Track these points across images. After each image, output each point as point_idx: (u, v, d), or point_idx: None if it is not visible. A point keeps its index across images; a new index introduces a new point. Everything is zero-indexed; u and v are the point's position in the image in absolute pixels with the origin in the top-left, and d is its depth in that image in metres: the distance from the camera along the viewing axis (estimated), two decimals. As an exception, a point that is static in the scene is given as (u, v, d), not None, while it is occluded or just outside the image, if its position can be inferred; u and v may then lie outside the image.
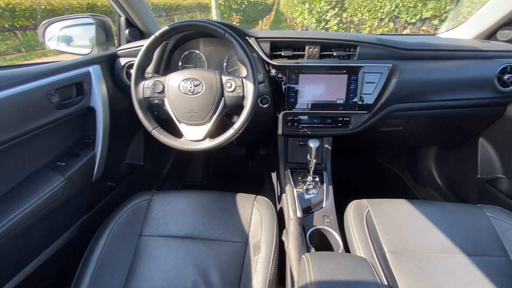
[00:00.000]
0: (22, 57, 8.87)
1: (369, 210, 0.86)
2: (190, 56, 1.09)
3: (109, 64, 1.04)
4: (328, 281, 0.44)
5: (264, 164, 1.84)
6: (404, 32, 7.96)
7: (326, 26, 5.26)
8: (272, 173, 1.54)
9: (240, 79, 0.81)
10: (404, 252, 0.76)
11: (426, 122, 1.12)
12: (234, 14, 5.87)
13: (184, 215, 0.88)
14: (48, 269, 0.85)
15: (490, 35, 1.10)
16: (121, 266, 0.76)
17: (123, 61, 1.04)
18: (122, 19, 1.10)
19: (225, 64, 1.07)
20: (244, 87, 0.81)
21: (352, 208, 0.88)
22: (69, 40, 1.14)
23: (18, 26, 10.31)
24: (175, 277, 0.73)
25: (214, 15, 5.73)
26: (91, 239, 0.80)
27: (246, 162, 1.88)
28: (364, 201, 0.90)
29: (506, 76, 0.96)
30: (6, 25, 9.93)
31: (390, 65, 0.93)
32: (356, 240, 0.77)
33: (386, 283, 0.67)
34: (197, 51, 1.08)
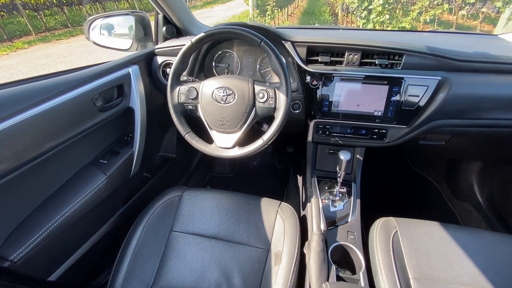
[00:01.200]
0: (68, 33, 9.45)
1: (397, 231, 0.84)
2: (223, 55, 1.08)
3: (147, 62, 1.07)
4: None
5: (291, 162, 1.83)
6: (460, 13, 7.05)
7: (369, 7, 4.83)
8: (298, 174, 1.53)
9: (273, 89, 0.79)
10: (429, 281, 0.73)
11: (473, 139, 1.02)
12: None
13: (211, 215, 0.92)
14: (90, 258, 0.95)
15: None
16: (153, 258, 0.83)
17: (160, 59, 1.07)
18: (160, 16, 1.11)
19: (258, 66, 1.05)
20: (277, 98, 0.79)
21: (379, 227, 0.85)
22: (110, 35, 1.19)
23: (64, 1, 10.89)
24: (201, 275, 0.79)
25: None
26: (128, 230, 0.88)
27: (273, 158, 1.89)
28: (392, 220, 0.87)
29: None
30: (54, 0, 10.53)
31: (439, 77, 0.84)
32: (380, 262, 0.76)
33: None
34: (231, 51, 1.07)
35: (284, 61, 0.79)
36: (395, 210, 0.97)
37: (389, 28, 4.85)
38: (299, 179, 1.47)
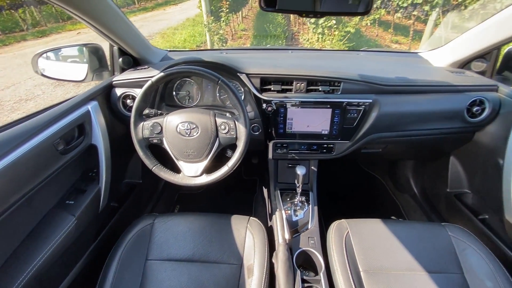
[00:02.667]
0: (0, 42, 8.39)
1: (348, 232, 0.98)
2: (183, 83, 1.13)
3: (106, 95, 1.07)
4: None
5: (256, 172, 1.94)
6: (396, 16, 7.88)
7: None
8: (263, 185, 1.64)
9: (233, 121, 0.88)
10: (375, 271, 0.89)
11: (402, 146, 1.23)
12: (223, -1, 5.66)
13: (185, 239, 0.98)
14: None
15: (464, 64, 1.19)
16: None
17: (119, 91, 1.08)
18: (115, 48, 1.12)
19: (217, 94, 1.12)
20: (237, 129, 0.88)
21: (334, 230, 0.99)
22: (62, 67, 1.16)
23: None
24: None
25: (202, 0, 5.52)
26: (102, 266, 0.89)
27: (239, 170, 1.98)
28: (344, 222, 1.02)
29: (474, 109, 1.06)
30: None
31: (371, 100, 1.01)
32: (336, 262, 0.90)
33: None
34: (190, 79, 1.12)
35: (240, 96, 0.88)
36: (350, 209, 1.12)
37: (336, 32, 5.27)
38: (265, 190, 1.58)
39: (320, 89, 1.02)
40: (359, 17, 5.44)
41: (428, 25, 6.66)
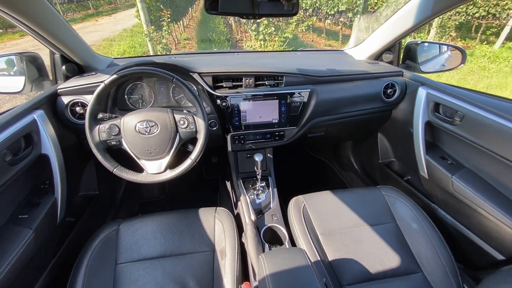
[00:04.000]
0: None
1: (304, 205, 1.13)
2: (134, 87, 1.15)
3: (51, 104, 1.03)
4: (277, 272, 0.65)
5: (217, 171, 2.00)
6: (327, 22, 8.78)
7: (258, 21, 5.49)
8: (226, 181, 1.71)
9: (192, 116, 0.95)
10: (330, 232, 1.04)
11: (339, 127, 1.45)
12: (163, 9, 5.57)
13: (154, 238, 0.99)
14: None
15: (378, 56, 1.46)
16: None
17: (65, 99, 1.05)
18: (57, 56, 1.09)
19: (171, 94, 1.17)
20: (196, 122, 0.95)
21: (292, 205, 1.13)
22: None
23: None
24: None
25: (140, 9, 5.36)
26: (67, 277, 0.86)
27: (200, 170, 2.01)
28: (300, 197, 1.16)
29: (388, 91, 1.32)
30: None
31: (309, 89, 1.19)
32: (297, 230, 1.03)
33: (319, 258, 0.94)
34: (141, 82, 1.14)
35: (196, 92, 0.95)
36: (304, 188, 1.26)
37: (276, 38, 5.66)
38: (228, 184, 1.65)
39: (266, 83, 1.15)
40: (294, 23, 5.93)
41: (353, 29, 7.60)
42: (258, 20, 5.55)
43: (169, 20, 5.61)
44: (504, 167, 0.94)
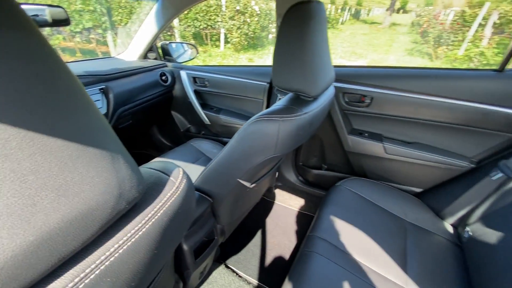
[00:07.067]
0: None
1: None
2: None
3: None
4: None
5: None
6: (76, 41, 8.10)
7: None
8: None
9: None
10: None
11: (144, 113, 1.80)
12: None
13: None
14: None
15: (144, 56, 1.93)
16: None
17: None
18: None
19: None
20: None
21: None
22: None
23: None
24: None
25: None
26: None
27: None
28: None
29: (163, 77, 1.83)
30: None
31: (104, 86, 1.43)
32: None
33: None
34: None
35: None
36: None
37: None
38: None
39: None
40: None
41: (109, 44, 7.65)
42: None
43: None
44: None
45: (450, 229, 1.16)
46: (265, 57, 8.26)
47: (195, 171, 1.39)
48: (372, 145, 1.40)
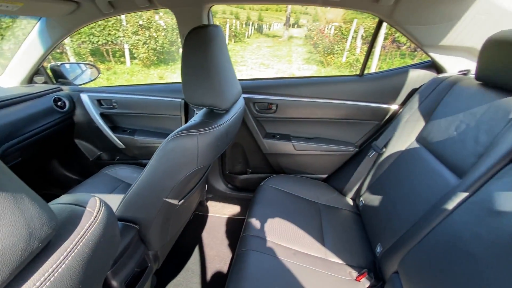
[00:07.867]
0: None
1: None
2: None
3: None
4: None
5: None
6: None
7: None
8: None
9: None
10: None
11: (34, 148, 1.52)
12: None
13: None
14: None
15: (30, 80, 1.65)
16: None
17: None
18: None
19: None
20: None
21: None
22: None
23: None
24: None
25: None
26: None
27: None
28: None
29: (58, 103, 1.60)
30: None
31: None
32: None
33: None
34: None
35: None
36: None
37: None
38: None
39: None
40: None
41: None
42: None
43: None
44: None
45: (351, 202, 1.44)
46: (178, 72, 8.10)
47: (115, 201, 1.28)
48: (284, 144, 1.60)
